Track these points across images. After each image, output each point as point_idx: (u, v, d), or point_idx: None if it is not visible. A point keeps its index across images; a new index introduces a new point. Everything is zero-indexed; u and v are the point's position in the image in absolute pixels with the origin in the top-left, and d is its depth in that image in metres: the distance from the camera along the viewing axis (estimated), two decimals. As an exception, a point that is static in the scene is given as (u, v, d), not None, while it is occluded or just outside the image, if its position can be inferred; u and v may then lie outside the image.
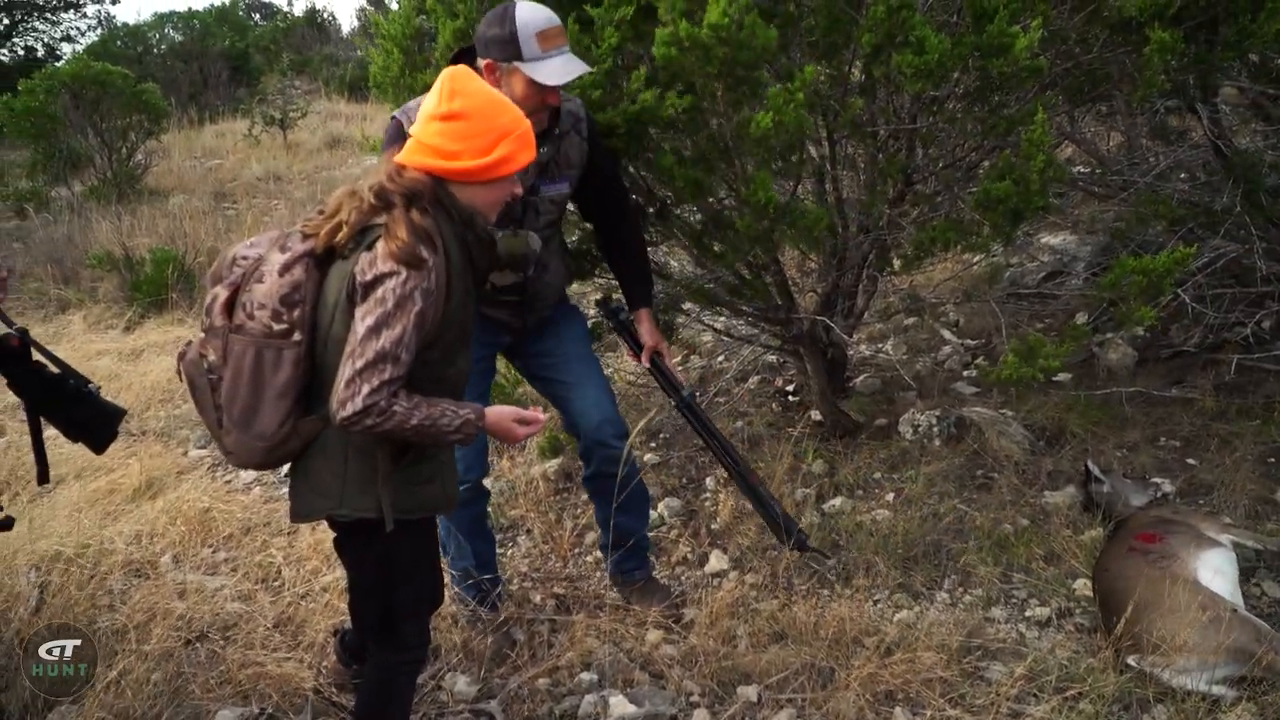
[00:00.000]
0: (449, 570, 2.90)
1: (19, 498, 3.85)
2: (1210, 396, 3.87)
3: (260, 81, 17.80)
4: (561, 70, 2.41)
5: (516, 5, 2.40)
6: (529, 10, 2.40)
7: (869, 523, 3.32)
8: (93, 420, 2.19)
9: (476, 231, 1.93)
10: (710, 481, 3.78)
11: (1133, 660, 2.49)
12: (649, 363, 2.89)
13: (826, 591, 3.03)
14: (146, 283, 6.85)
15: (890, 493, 3.56)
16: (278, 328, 1.85)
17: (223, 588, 3.19)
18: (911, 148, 3.28)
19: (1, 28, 19.60)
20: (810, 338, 3.75)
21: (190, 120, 14.73)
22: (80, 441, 2.21)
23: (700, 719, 2.52)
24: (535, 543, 3.50)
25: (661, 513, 3.59)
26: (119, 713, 2.53)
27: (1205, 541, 2.74)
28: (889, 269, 3.78)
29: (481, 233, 1.95)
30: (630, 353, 3.01)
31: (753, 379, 4.65)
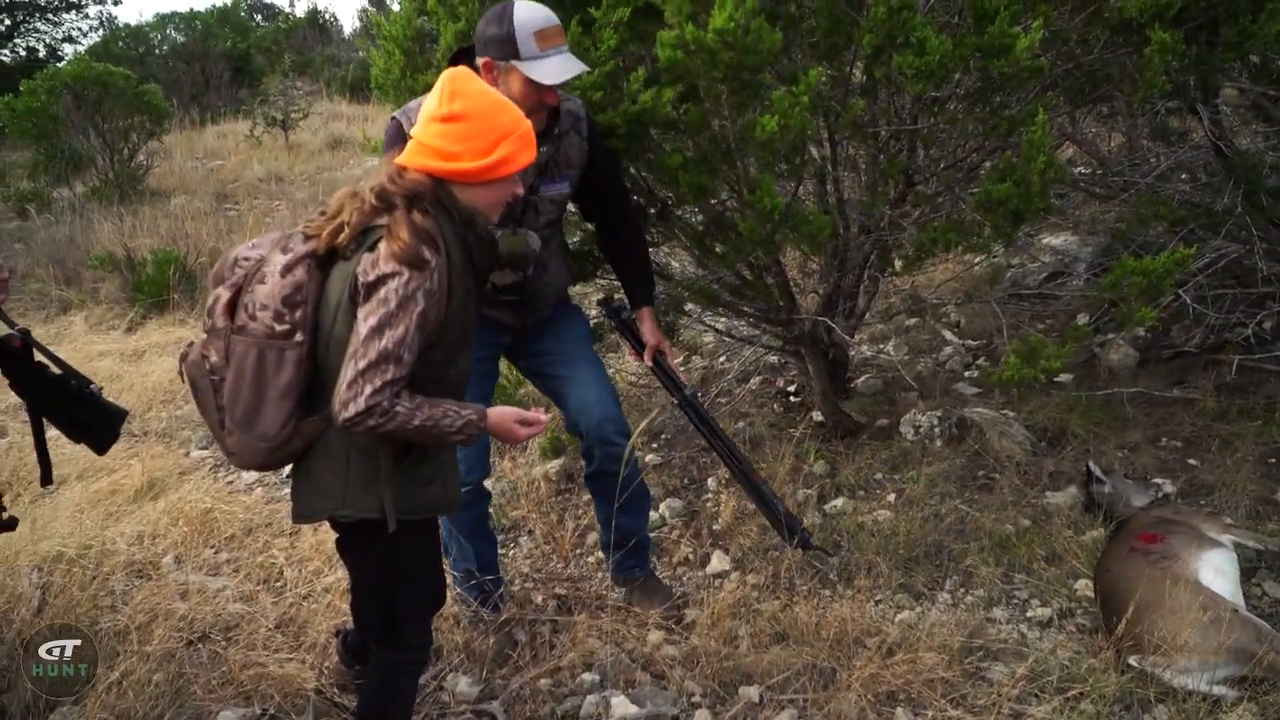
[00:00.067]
0: (451, 571, 2.90)
1: (20, 498, 3.85)
2: (1211, 397, 3.87)
3: (262, 82, 17.82)
4: (559, 69, 2.40)
5: (515, 4, 2.40)
6: (527, 9, 2.40)
7: (870, 523, 3.32)
8: (94, 421, 2.19)
9: (477, 232, 1.94)
10: (712, 482, 3.79)
11: (1134, 660, 2.49)
12: (651, 362, 2.89)
13: (828, 592, 3.03)
14: (148, 284, 6.86)
15: (892, 493, 3.56)
16: (280, 328, 1.85)
17: (224, 588, 3.19)
18: (913, 148, 3.28)
19: (3, 28, 19.62)
20: (812, 338, 3.75)
21: (192, 121, 14.75)
22: (82, 442, 2.21)
23: (702, 719, 2.53)
24: (537, 543, 3.50)
25: (663, 513, 3.59)
26: (121, 713, 2.53)
27: (1206, 542, 2.74)
28: (890, 270, 3.78)
29: (482, 233, 1.95)
30: (632, 352, 3.01)
31: (754, 380, 4.65)
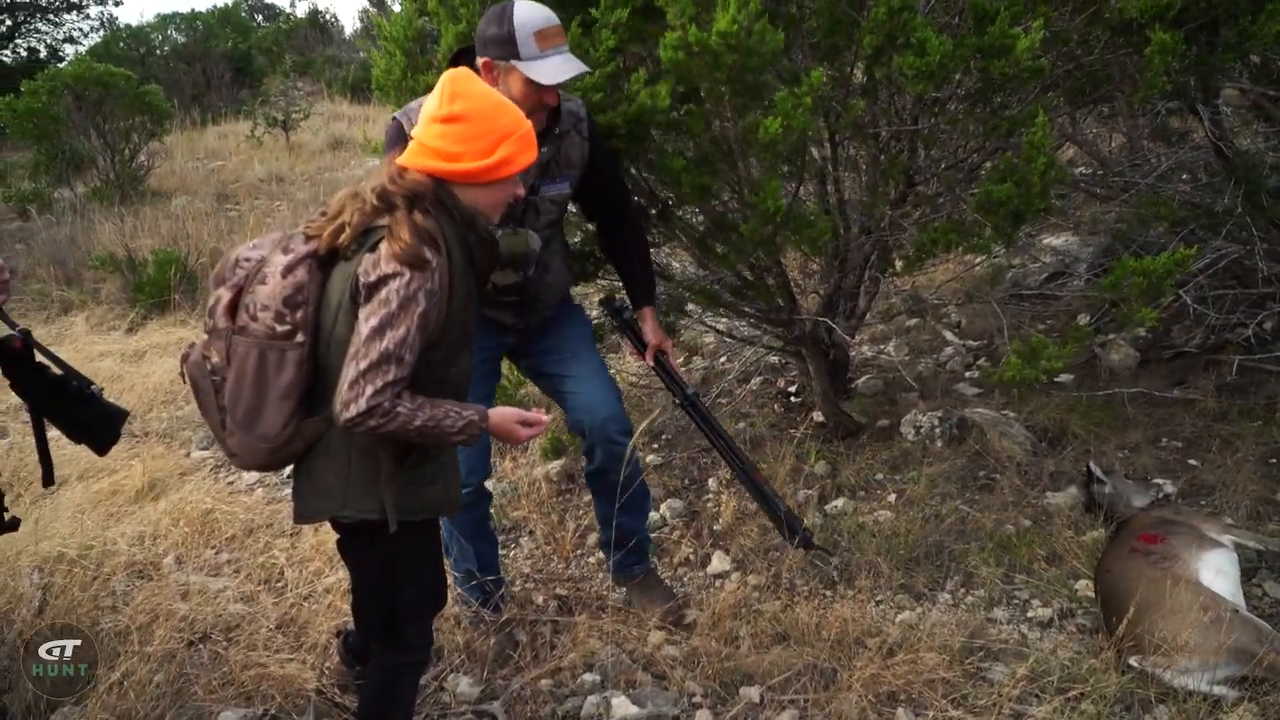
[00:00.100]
0: (452, 572, 2.90)
1: (21, 499, 3.85)
2: (1212, 397, 3.87)
3: (263, 83, 17.83)
4: (559, 70, 2.40)
5: (515, 4, 2.40)
6: (527, 9, 2.40)
7: (871, 524, 3.33)
8: (95, 422, 2.19)
9: (478, 232, 1.94)
10: (712, 483, 3.79)
11: (1134, 661, 2.49)
12: (653, 362, 2.89)
13: (829, 592, 3.03)
14: (149, 284, 6.86)
15: (892, 494, 3.56)
16: (281, 329, 1.85)
17: (225, 589, 3.19)
18: (913, 149, 3.28)
19: (4, 29, 19.63)
20: (812, 339, 3.75)
21: (193, 121, 14.77)
22: (83, 443, 2.21)
23: (702, 719, 2.53)
24: (537, 544, 3.50)
25: (664, 514, 3.60)
26: (122, 714, 2.53)
27: (1207, 542, 2.74)
28: (891, 270, 3.79)
29: (483, 233, 1.95)
30: (634, 352, 3.01)
31: (755, 380, 4.65)
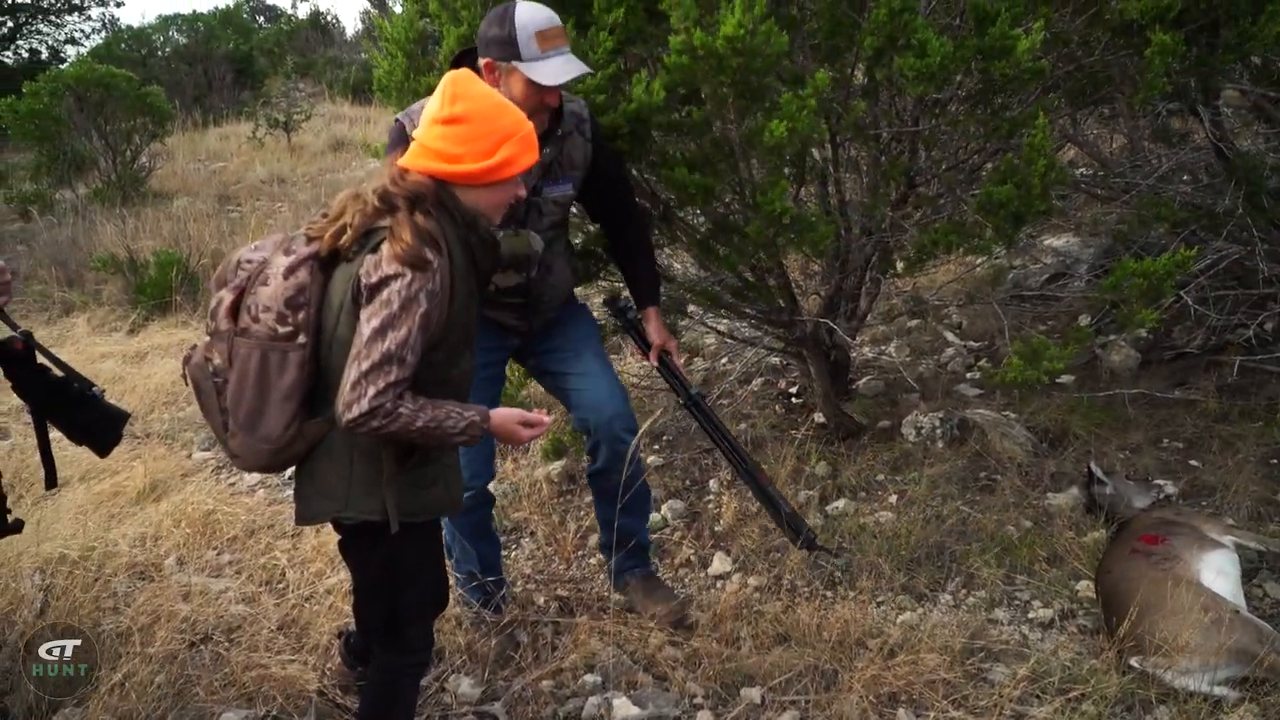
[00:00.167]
0: (453, 573, 2.90)
1: (23, 500, 3.86)
2: (1213, 398, 3.87)
3: (264, 84, 17.84)
4: (560, 70, 2.40)
5: (516, 5, 2.40)
6: (529, 10, 2.40)
7: (872, 525, 3.33)
8: (97, 423, 2.19)
9: (479, 233, 1.94)
10: (713, 484, 3.79)
11: (1135, 661, 2.49)
12: (657, 362, 2.89)
13: (830, 593, 3.03)
14: (150, 285, 6.87)
15: (893, 495, 3.56)
16: (283, 330, 1.86)
17: (227, 590, 3.19)
18: (914, 150, 3.28)
19: (6, 30, 19.63)
20: (813, 340, 3.75)
21: (194, 123, 14.78)
22: (84, 444, 2.21)
23: (703, 721, 2.53)
24: (539, 545, 3.51)
25: (665, 515, 3.60)
26: (123, 715, 2.53)
27: (1208, 543, 2.74)
28: (892, 271, 3.79)
29: (485, 234, 1.95)
30: (638, 352, 3.00)
31: (756, 381, 4.65)
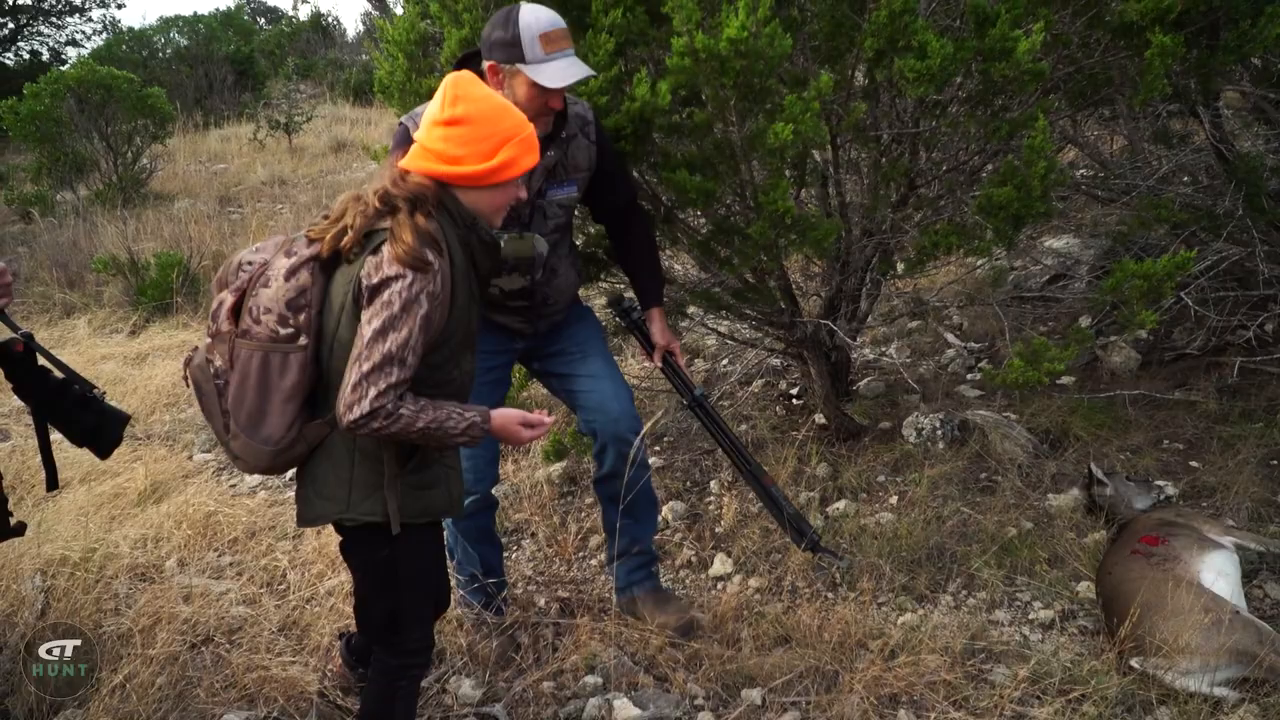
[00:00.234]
0: (454, 574, 2.90)
1: (24, 502, 3.86)
2: (1213, 399, 3.87)
3: (265, 86, 17.83)
4: (564, 73, 2.40)
5: (520, 7, 2.40)
6: (533, 13, 2.40)
7: (873, 526, 3.33)
8: (97, 425, 2.19)
9: (480, 235, 1.95)
10: (714, 485, 3.79)
11: (1136, 662, 2.50)
12: (660, 363, 2.89)
13: (830, 595, 3.03)
14: (151, 287, 6.87)
15: (894, 496, 3.56)
16: (284, 332, 1.86)
17: (228, 591, 3.20)
18: (914, 151, 3.29)
19: (7, 32, 19.64)
20: (814, 341, 3.76)
21: (195, 124, 14.78)
22: (85, 446, 2.21)
23: (704, 722, 2.53)
24: (539, 546, 3.51)
25: (666, 516, 3.60)
26: (124, 716, 2.53)
27: (1208, 544, 2.75)
28: (892, 272, 3.79)
29: (485, 236, 1.96)
30: (642, 352, 3.00)
31: (757, 382, 4.66)
